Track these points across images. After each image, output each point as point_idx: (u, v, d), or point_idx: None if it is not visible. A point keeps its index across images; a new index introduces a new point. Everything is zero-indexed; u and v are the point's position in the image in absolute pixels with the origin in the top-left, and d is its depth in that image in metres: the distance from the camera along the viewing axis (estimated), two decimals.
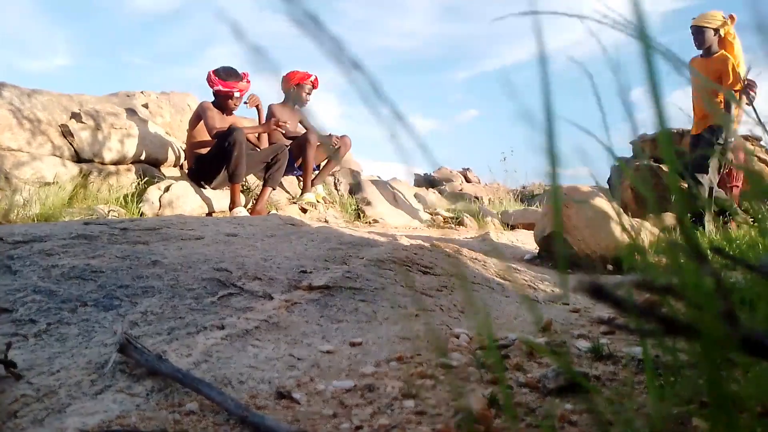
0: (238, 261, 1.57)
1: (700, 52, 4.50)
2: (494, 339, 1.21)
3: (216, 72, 4.45)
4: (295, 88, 5.15)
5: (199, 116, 4.39)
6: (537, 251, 2.58)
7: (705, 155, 4.43)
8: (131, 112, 4.84)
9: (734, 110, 4.27)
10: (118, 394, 0.83)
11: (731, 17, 4.42)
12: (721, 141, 4.46)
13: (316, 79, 5.20)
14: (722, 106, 4.29)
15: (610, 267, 2.34)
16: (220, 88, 4.40)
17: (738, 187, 4.97)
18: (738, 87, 4.28)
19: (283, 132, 4.67)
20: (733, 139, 4.50)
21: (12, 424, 0.75)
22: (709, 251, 0.59)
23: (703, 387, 0.65)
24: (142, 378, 0.87)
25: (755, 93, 4.68)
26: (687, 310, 0.29)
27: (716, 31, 4.40)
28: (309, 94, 5.20)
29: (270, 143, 4.78)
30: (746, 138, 5.39)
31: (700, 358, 0.29)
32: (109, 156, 4.38)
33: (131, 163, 4.58)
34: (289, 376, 0.96)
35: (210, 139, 4.27)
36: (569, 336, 1.28)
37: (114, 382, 0.86)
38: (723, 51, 4.40)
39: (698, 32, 4.47)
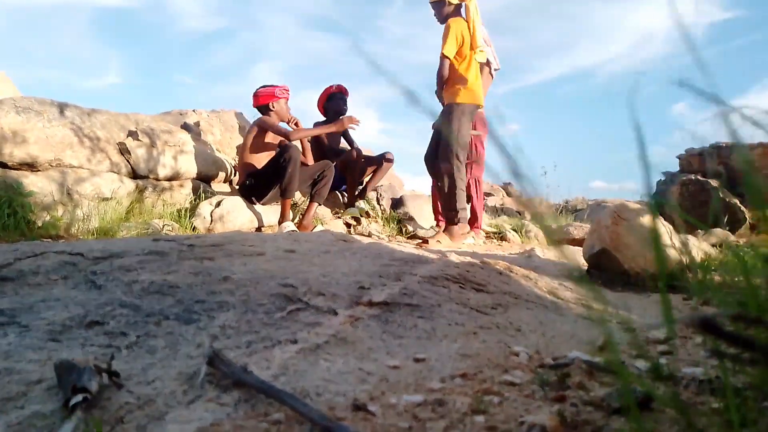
0: (300, 277, 1.64)
1: None
2: (554, 358, 1.24)
3: (264, 91, 4.62)
4: (328, 102, 5.28)
5: (256, 132, 4.53)
6: (586, 268, 2.58)
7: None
8: (184, 129, 5.04)
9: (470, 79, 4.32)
10: (209, 403, 0.90)
11: None
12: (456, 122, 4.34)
13: (339, 86, 5.33)
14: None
15: (660, 285, 2.32)
16: (278, 92, 4.61)
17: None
18: (445, 52, 4.31)
19: (353, 128, 4.82)
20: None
21: (120, 429, 0.82)
22: None
23: None
24: (228, 389, 0.94)
25: None
26: None
27: (446, 2, 4.45)
28: (342, 101, 5.32)
29: (322, 157, 4.93)
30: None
31: None
32: (163, 172, 4.56)
33: (184, 179, 4.77)
34: (362, 390, 1.01)
35: (263, 154, 4.42)
36: (627, 356, 1.30)
37: (204, 392, 0.93)
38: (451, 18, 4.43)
39: (433, 8, 4.57)
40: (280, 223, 4.25)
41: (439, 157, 4.37)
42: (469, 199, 4.84)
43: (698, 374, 1.15)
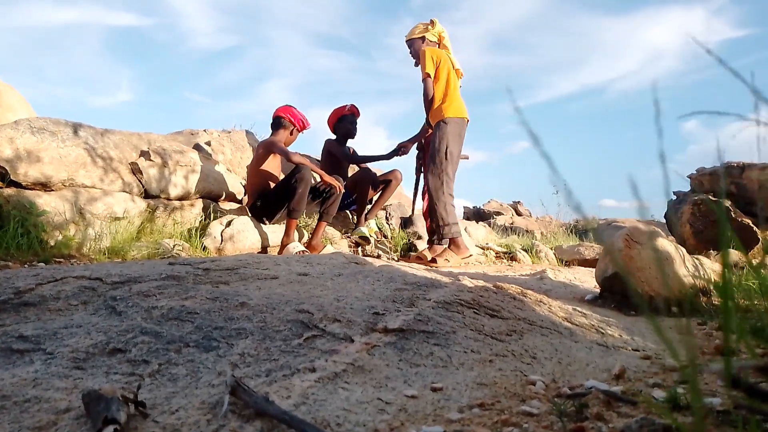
0: (315, 302, 1.66)
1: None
2: (571, 387, 1.25)
3: (299, 115, 4.74)
4: (338, 123, 5.33)
5: (263, 153, 4.61)
6: (598, 291, 2.58)
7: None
8: (195, 149, 5.10)
9: (436, 100, 4.51)
10: None
11: (431, 21, 4.74)
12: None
13: (352, 107, 5.39)
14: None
15: (674, 309, 2.32)
16: (306, 124, 4.79)
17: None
18: (427, 70, 4.50)
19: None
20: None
21: None
22: None
23: None
24: (251, 419, 0.95)
25: None
26: None
27: (423, 39, 4.72)
28: (353, 123, 5.37)
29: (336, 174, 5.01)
30: None
31: None
32: (174, 192, 4.60)
33: (194, 198, 4.81)
34: (381, 420, 1.02)
35: (272, 173, 4.49)
36: (644, 384, 1.30)
37: (227, 422, 0.94)
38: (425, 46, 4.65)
39: (409, 46, 4.85)
40: (284, 243, 4.25)
41: (429, 173, 4.47)
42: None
43: (716, 404, 1.15)
